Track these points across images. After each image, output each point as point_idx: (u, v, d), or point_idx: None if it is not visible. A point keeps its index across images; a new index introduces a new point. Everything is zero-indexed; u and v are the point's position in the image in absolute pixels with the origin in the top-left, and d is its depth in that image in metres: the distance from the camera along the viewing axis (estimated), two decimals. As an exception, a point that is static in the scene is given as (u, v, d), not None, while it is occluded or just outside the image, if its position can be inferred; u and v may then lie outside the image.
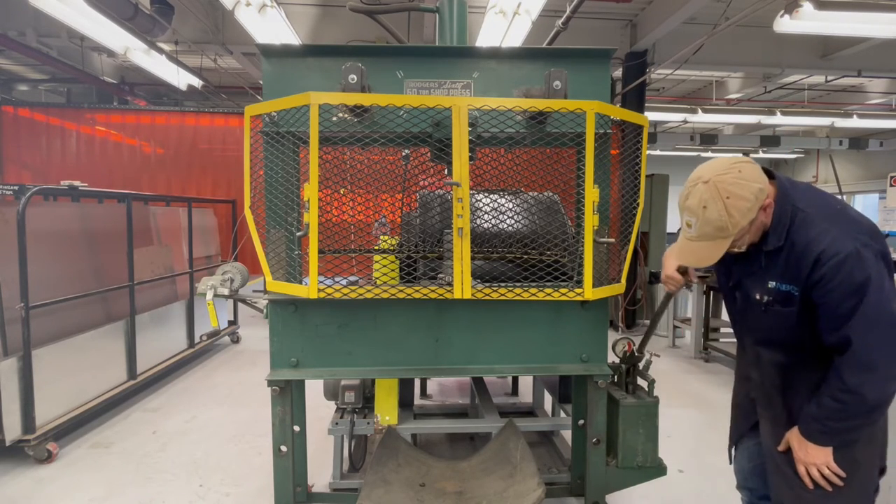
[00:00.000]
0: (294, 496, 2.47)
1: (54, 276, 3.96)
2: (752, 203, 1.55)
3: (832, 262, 1.51)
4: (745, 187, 1.55)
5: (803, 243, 1.57)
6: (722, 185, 1.55)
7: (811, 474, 1.67)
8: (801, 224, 1.60)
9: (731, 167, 1.58)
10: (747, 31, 7.22)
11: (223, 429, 4.15)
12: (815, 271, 1.54)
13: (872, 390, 1.53)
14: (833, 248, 1.51)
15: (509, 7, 5.01)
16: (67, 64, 7.64)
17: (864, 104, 11.80)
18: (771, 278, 1.67)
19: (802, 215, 1.60)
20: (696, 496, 3.19)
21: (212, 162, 8.80)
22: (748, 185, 1.55)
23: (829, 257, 1.51)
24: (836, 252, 1.51)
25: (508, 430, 2.68)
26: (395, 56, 2.36)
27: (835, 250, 1.51)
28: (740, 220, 1.56)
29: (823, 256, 1.52)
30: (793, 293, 1.62)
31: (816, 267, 1.53)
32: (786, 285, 1.63)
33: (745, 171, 1.57)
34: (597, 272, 2.33)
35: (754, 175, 1.58)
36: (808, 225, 1.59)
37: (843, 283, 1.50)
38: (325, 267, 2.25)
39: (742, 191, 1.54)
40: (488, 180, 2.78)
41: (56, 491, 3.25)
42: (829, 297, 1.53)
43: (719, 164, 1.61)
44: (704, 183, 1.57)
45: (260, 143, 2.30)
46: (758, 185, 1.56)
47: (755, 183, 1.56)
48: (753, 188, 1.55)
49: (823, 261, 1.52)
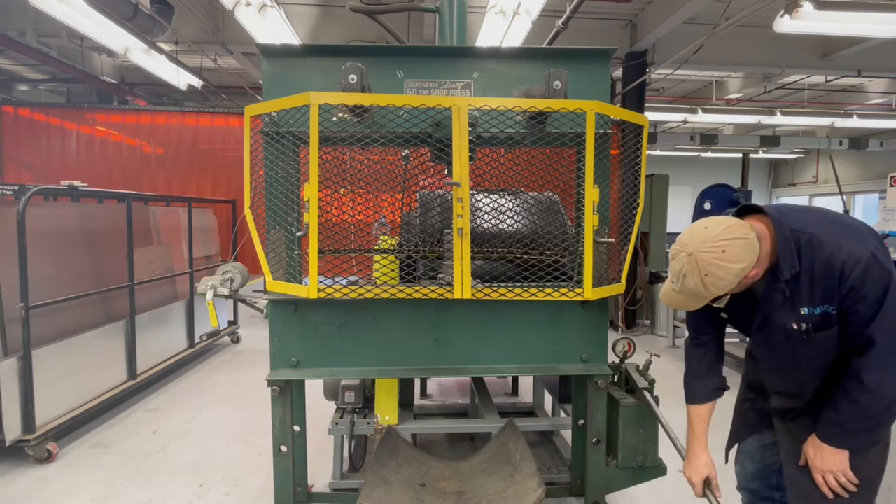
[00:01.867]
0: (294, 496, 2.47)
1: (54, 276, 3.96)
2: (729, 281, 1.56)
3: (856, 271, 1.53)
4: (723, 269, 1.54)
5: (822, 262, 1.58)
6: (702, 263, 1.55)
7: (828, 483, 1.67)
8: (808, 244, 1.60)
9: (716, 246, 1.55)
10: (747, 31, 7.21)
11: (223, 429, 4.15)
12: (843, 284, 1.55)
13: (890, 388, 1.55)
14: (852, 259, 1.53)
15: (509, 7, 5.01)
16: (67, 64, 7.63)
17: (864, 104, 11.80)
18: (801, 305, 1.64)
19: (806, 236, 1.61)
20: (695, 496, 3.18)
21: (212, 162, 8.80)
22: (728, 268, 1.54)
23: (851, 268, 1.53)
24: (857, 261, 1.53)
25: (508, 430, 2.68)
26: (395, 56, 2.36)
27: (855, 260, 1.53)
28: (716, 293, 1.60)
29: (846, 269, 1.54)
30: (829, 312, 1.61)
31: (843, 280, 1.55)
32: (820, 307, 1.62)
33: (728, 251, 1.54)
34: (597, 272, 2.33)
35: (737, 255, 1.54)
36: (816, 244, 1.59)
37: (872, 289, 1.53)
38: (325, 267, 2.25)
39: (720, 272, 1.55)
40: (488, 180, 2.78)
41: (56, 491, 3.25)
42: (860, 304, 1.55)
43: (707, 236, 1.58)
44: (688, 255, 1.58)
45: (260, 143, 2.30)
46: (739, 266, 1.55)
47: (737, 264, 1.54)
48: (734, 269, 1.55)
49: (847, 273, 1.54)
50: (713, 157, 16.69)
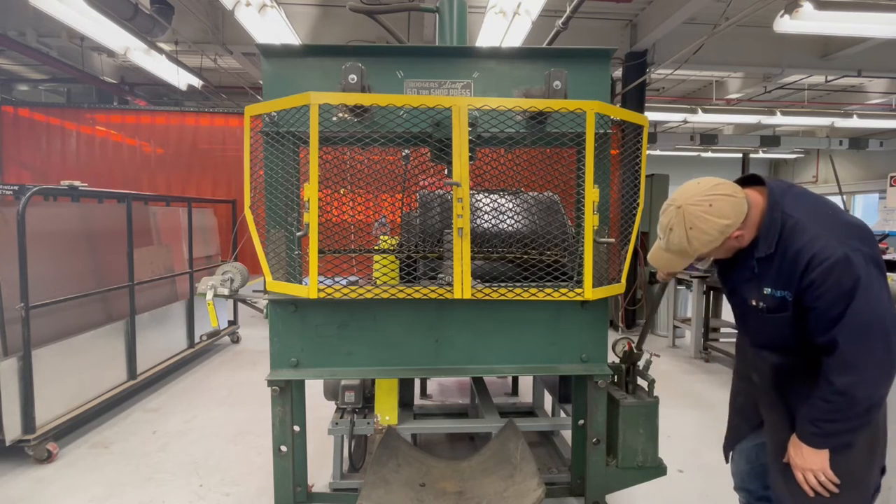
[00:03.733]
0: (294, 496, 2.47)
1: (54, 276, 3.96)
2: (713, 237, 1.61)
3: (822, 267, 1.52)
4: (708, 223, 1.59)
5: (794, 250, 1.59)
6: (688, 216, 1.61)
7: (808, 481, 1.67)
8: (791, 231, 1.62)
9: (704, 199, 1.60)
10: (747, 31, 7.22)
11: (223, 429, 4.15)
12: (806, 276, 1.56)
13: (861, 391, 1.54)
14: (823, 254, 1.53)
15: (509, 7, 5.01)
16: (67, 64, 7.63)
17: (864, 104, 11.80)
18: (765, 285, 1.69)
19: (793, 222, 1.62)
20: (695, 496, 3.19)
21: (212, 162, 8.80)
22: (713, 222, 1.59)
23: (818, 262, 1.53)
24: (825, 257, 1.52)
25: (508, 430, 2.68)
26: (395, 56, 2.36)
27: (824, 255, 1.53)
28: (700, 249, 1.64)
29: (813, 262, 1.54)
30: (787, 299, 1.64)
31: (806, 272, 1.56)
32: (780, 291, 1.65)
33: (715, 205, 1.59)
34: (597, 272, 2.33)
35: (724, 211, 1.59)
36: (798, 231, 1.60)
37: (833, 287, 1.52)
38: (325, 267, 2.25)
39: (704, 225, 1.59)
40: (488, 180, 2.78)
41: (56, 491, 3.25)
42: (819, 301, 1.55)
43: (697, 189, 1.64)
44: (676, 207, 1.64)
45: (260, 143, 2.30)
46: (724, 222, 1.59)
47: (722, 220, 1.59)
48: (718, 224, 1.59)
49: (813, 266, 1.54)
50: (713, 157, 16.71)
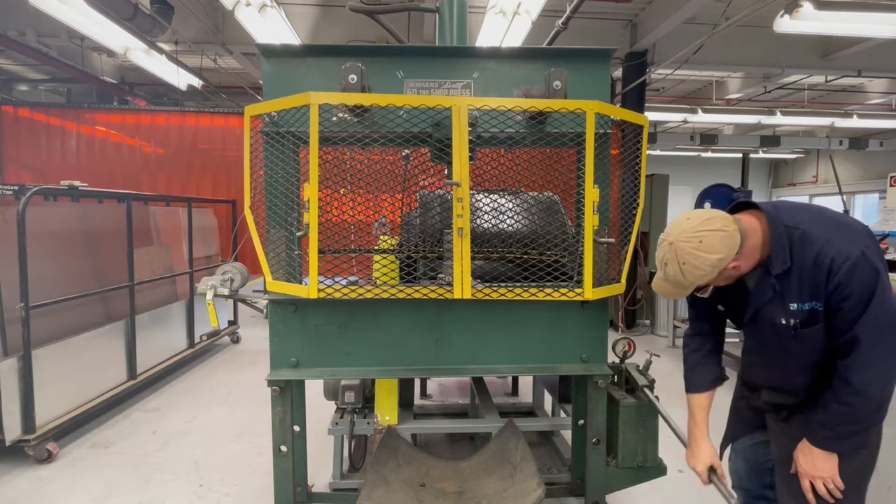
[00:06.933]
0: (294, 496, 2.47)
1: (54, 276, 3.96)
2: (706, 271, 1.61)
3: (844, 268, 1.54)
4: (700, 259, 1.59)
5: (811, 258, 1.59)
6: (680, 252, 1.61)
7: (817, 489, 1.67)
8: (800, 241, 1.62)
9: (694, 236, 1.60)
10: (747, 31, 7.21)
11: (223, 429, 4.15)
12: (831, 280, 1.56)
13: (876, 388, 1.56)
14: (841, 256, 1.54)
15: (509, 7, 5.01)
16: (67, 64, 7.62)
17: (864, 104, 11.79)
18: (790, 301, 1.66)
19: (799, 232, 1.63)
20: (695, 496, 3.19)
21: (212, 162, 8.80)
22: (704, 258, 1.59)
23: (839, 264, 1.54)
24: (846, 258, 1.54)
25: (508, 430, 2.68)
26: (395, 56, 2.36)
27: (844, 256, 1.54)
28: (696, 281, 1.64)
29: (834, 265, 1.55)
30: (816, 309, 1.63)
31: (831, 275, 1.56)
32: (808, 303, 1.64)
33: (706, 241, 1.59)
34: (597, 272, 2.33)
35: (714, 246, 1.58)
36: (808, 240, 1.61)
37: (857, 286, 1.54)
38: (325, 267, 2.25)
39: (696, 261, 1.59)
40: (488, 180, 2.78)
41: (56, 491, 3.25)
42: (846, 302, 1.56)
43: (687, 226, 1.63)
44: (669, 243, 1.64)
45: (260, 143, 2.30)
46: (716, 257, 1.58)
47: (713, 255, 1.58)
48: (710, 260, 1.59)
49: (835, 269, 1.55)
50: (713, 157, 16.68)
